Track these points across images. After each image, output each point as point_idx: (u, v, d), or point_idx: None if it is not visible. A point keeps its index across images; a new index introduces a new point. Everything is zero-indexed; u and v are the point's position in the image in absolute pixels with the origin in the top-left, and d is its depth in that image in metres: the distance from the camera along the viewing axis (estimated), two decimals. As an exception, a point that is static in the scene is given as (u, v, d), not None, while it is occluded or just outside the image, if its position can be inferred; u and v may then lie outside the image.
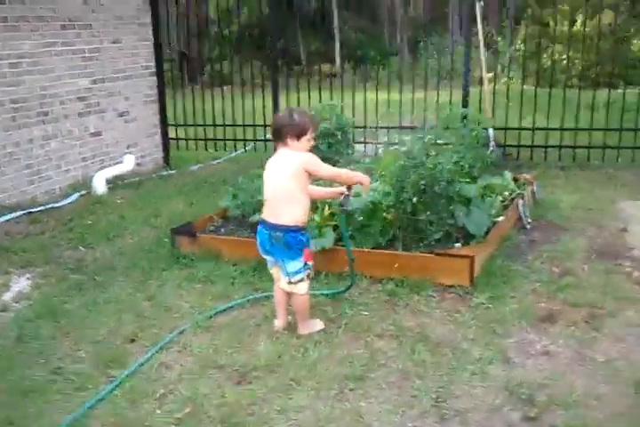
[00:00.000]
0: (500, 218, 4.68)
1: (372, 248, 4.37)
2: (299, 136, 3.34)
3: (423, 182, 4.14)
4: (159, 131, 8.49)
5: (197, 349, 3.41)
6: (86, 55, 7.22)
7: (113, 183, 7.35)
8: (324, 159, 5.68)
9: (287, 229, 3.33)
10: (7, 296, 4.33)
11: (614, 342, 3.29)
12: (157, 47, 8.22)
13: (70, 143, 7.14)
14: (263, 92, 8.30)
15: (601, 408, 2.75)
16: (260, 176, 3.56)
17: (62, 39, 6.89)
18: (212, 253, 4.63)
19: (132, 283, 4.40)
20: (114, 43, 7.61)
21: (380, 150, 6.92)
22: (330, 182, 4.02)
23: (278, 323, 3.58)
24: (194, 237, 4.78)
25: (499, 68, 10.98)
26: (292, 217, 3.33)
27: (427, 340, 3.35)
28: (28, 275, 4.72)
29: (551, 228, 5.05)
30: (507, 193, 5.15)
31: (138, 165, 8.09)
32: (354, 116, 7.69)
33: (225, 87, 9.08)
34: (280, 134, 3.37)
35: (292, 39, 23.12)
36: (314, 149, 5.80)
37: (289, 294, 3.50)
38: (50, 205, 6.55)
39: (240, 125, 8.28)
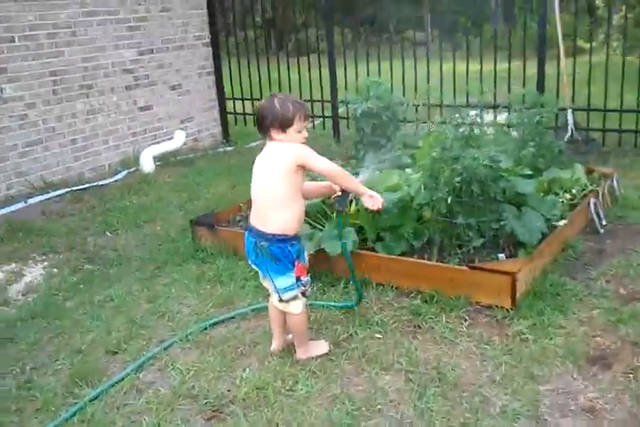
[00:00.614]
0: (562, 221, 3.94)
1: (403, 253, 3.79)
2: (283, 127, 2.78)
3: (458, 180, 3.48)
4: (216, 104, 8.09)
5: (178, 369, 2.99)
6: (132, 25, 6.87)
7: (165, 160, 7.07)
8: (370, 143, 5.16)
9: (273, 239, 2.82)
10: (15, 288, 4.10)
11: (682, 401, 2.57)
12: (212, 16, 7.76)
13: (118, 118, 6.88)
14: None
15: None
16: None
17: (104, 8, 6.55)
18: (230, 248, 4.19)
19: (141, 279, 4.06)
20: (162, 11, 7.21)
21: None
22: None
23: (274, 344, 3.10)
24: (212, 230, 4.35)
25: (599, 37, 9.80)
26: (279, 224, 2.82)
27: (442, 379, 2.77)
28: (46, 262, 4.49)
29: (629, 234, 4.25)
30: (576, 190, 4.36)
31: (195, 140, 7.78)
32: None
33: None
34: (262, 127, 2.83)
35: (380, 4, 22.07)
36: (358, 132, 5.34)
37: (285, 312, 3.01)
38: (95, 183, 6.36)
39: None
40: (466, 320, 3.26)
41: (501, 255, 3.60)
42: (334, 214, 3.14)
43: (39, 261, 4.51)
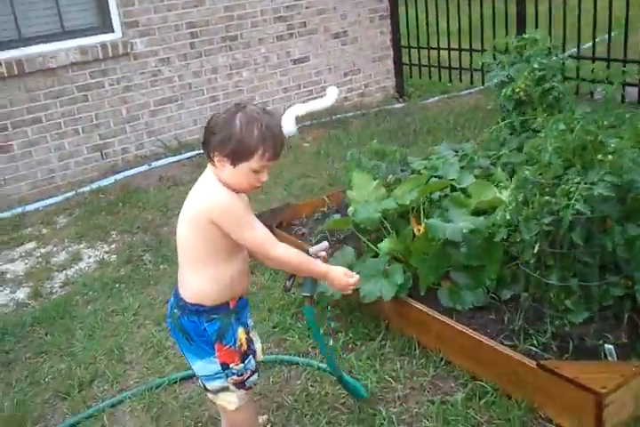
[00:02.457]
0: None
1: (477, 307, 2.64)
2: (235, 159, 1.82)
3: (547, 221, 2.18)
4: (390, 54, 6.97)
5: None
6: (288, -36, 6.02)
7: (318, 119, 6.29)
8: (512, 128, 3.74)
9: (185, 307, 1.94)
10: (61, 276, 3.80)
11: None
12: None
13: (267, 72, 6.21)
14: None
15: None
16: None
17: (253, -53, 5.77)
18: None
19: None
20: (327, -54, 6.22)
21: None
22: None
23: (222, 433, 2.27)
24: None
25: None
26: (192, 289, 1.94)
27: None
28: (113, 245, 4.15)
29: None
30: None
31: (361, 95, 6.87)
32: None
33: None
34: (206, 145, 1.88)
35: None
36: (501, 109, 3.90)
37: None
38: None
39: (478, 50, 6.28)
40: (513, 449, 2.09)
41: (609, 347, 2.24)
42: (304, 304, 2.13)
43: (108, 243, 4.16)
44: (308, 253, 2.02)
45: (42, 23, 5.10)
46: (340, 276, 1.95)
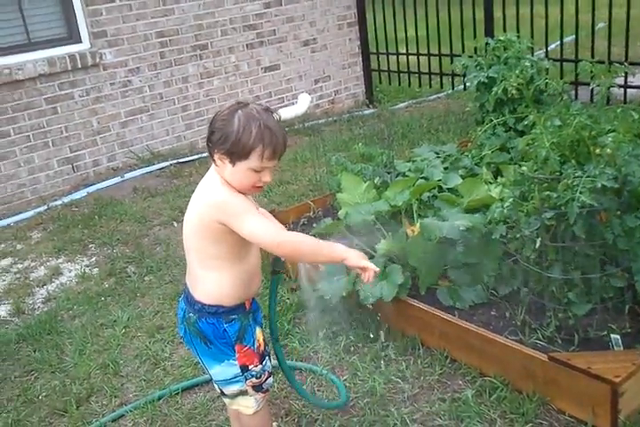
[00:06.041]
0: None
1: (477, 305, 2.65)
2: (233, 157, 1.78)
3: (549, 216, 2.21)
4: (359, 60, 7.02)
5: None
6: (256, -27, 6.01)
7: (290, 127, 6.27)
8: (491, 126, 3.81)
9: (203, 310, 1.90)
10: (42, 292, 3.68)
11: None
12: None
13: (237, 80, 6.18)
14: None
15: None
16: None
17: (221, -44, 5.76)
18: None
19: (164, 297, 3.40)
20: (294, -46, 6.24)
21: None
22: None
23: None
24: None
25: None
26: (209, 290, 1.90)
27: None
28: (93, 259, 4.04)
29: None
30: None
31: (331, 102, 6.88)
32: None
33: None
34: (208, 144, 1.84)
35: None
36: (480, 109, 3.98)
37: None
38: (205, 154, 5.80)
39: (447, 55, 6.36)
40: (528, 444, 2.09)
41: (615, 337, 2.28)
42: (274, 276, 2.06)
43: (88, 256, 4.06)
44: None
45: (7, 35, 4.98)
46: (360, 254, 1.84)
